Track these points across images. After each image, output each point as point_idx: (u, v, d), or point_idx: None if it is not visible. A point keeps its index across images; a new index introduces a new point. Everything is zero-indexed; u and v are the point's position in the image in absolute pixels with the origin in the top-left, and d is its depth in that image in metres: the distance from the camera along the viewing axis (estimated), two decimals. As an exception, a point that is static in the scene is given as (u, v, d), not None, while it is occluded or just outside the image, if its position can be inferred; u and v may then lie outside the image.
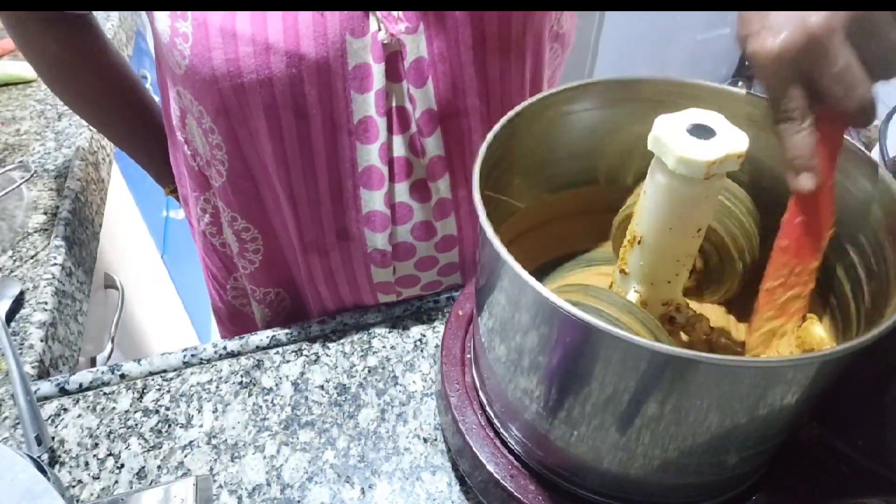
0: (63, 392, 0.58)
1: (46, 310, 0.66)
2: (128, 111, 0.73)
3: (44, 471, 0.45)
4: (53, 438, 0.54)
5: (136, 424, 0.55)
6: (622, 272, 0.44)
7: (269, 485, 0.51)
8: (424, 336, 0.62)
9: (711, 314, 0.47)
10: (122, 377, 0.59)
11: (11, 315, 0.65)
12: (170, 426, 0.55)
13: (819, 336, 0.38)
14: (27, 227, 0.76)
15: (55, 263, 0.71)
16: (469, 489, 0.50)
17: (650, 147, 0.37)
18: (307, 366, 0.60)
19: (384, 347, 0.61)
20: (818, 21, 0.31)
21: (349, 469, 0.52)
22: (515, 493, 0.42)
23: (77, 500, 0.50)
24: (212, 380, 0.59)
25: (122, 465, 0.53)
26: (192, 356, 0.60)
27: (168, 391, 0.58)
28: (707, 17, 2.02)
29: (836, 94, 0.32)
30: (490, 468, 0.43)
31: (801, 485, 0.41)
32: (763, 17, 0.33)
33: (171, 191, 0.78)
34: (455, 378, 0.48)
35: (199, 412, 0.56)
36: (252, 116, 0.49)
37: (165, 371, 0.60)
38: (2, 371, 0.60)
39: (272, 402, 0.57)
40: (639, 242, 0.41)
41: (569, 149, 0.48)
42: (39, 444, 0.52)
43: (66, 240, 0.75)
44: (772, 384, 0.32)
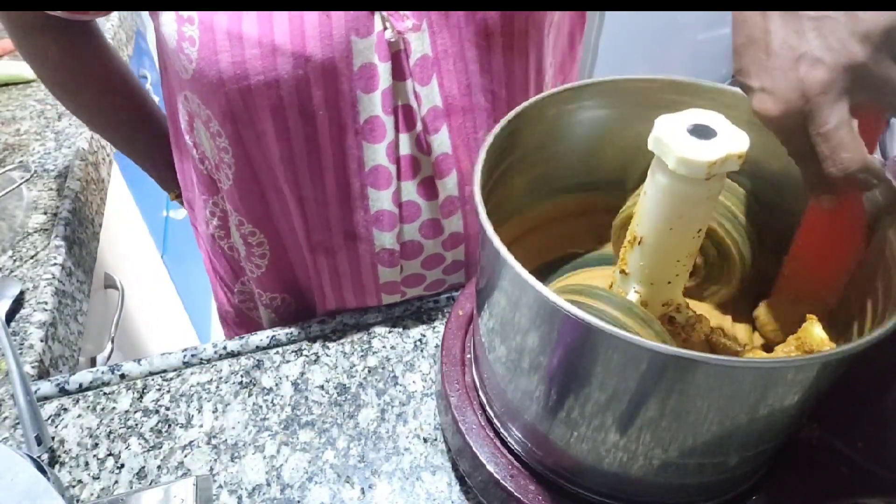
0: (63, 392, 0.58)
1: (46, 310, 0.66)
2: (131, 116, 0.73)
3: (44, 471, 0.45)
4: (53, 438, 0.54)
5: (136, 424, 0.55)
6: (622, 272, 0.44)
7: (269, 485, 0.51)
8: (424, 336, 0.62)
9: (711, 314, 0.47)
10: (122, 377, 0.59)
11: (11, 315, 0.65)
12: (170, 426, 0.55)
13: (819, 337, 0.38)
14: (27, 227, 0.76)
15: (55, 263, 0.71)
16: (469, 489, 0.50)
17: (651, 147, 0.37)
18: (307, 366, 0.60)
19: (384, 347, 0.61)
20: (815, 83, 0.31)
21: (349, 469, 0.52)
22: (515, 493, 0.42)
23: (77, 500, 0.50)
24: (212, 380, 0.59)
25: (122, 465, 0.53)
26: (192, 356, 0.60)
27: (168, 391, 0.58)
28: (707, 17, 2.02)
29: (823, 154, 0.32)
30: (490, 468, 0.43)
31: (801, 485, 0.41)
32: (761, 74, 0.33)
33: (177, 196, 0.78)
34: (455, 378, 0.48)
35: (199, 412, 0.56)
36: (259, 119, 0.49)
37: (165, 371, 0.60)
38: (2, 371, 0.60)
39: (272, 402, 0.57)
40: (639, 243, 0.41)
41: (570, 149, 0.48)
42: (39, 444, 0.52)
43: (66, 240, 0.75)
44: (772, 385, 0.32)
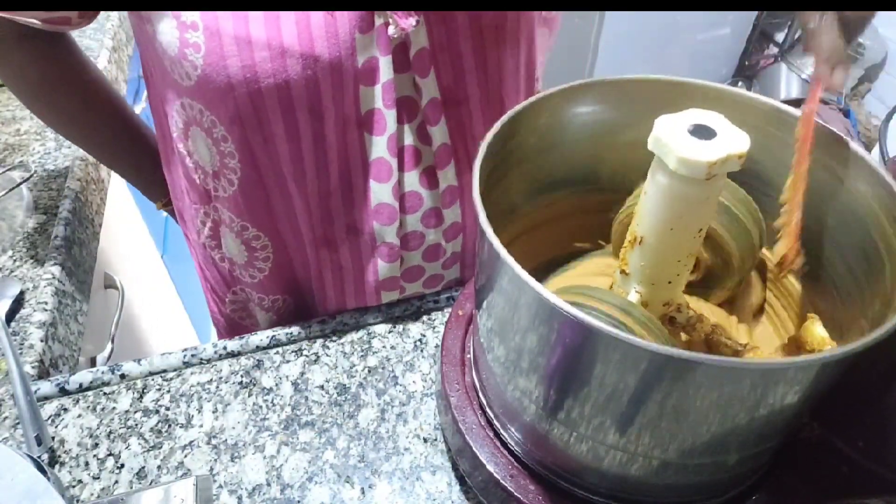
0: (63, 392, 0.58)
1: (46, 310, 0.66)
2: (113, 126, 0.72)
3: (44, 471, 0.45)
4: (53, 438, 0.54)
5: (136, 424, 0.55)
6: (623, 273, 0.44)
7: (269, 485, 0.51)
8: (424, 336, 0.62)
9: (711, 314, 0.47)
10: (122, 377, 0.59)
11: (11, 315, 0.65)
12: (170, 426, 0.55)
13: (820, 336, 0.38)
14: (27, 227, 0.76)
15: (55, 263, 0.71)
16: (469, 489, 0.50)
17: (651, 147, 0.37)
18: (307, 366, 0.60)
19: (384, 347, 0.61)
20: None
21: (349, 469, 0.52)
22: (515, 493, 0.42)
23: (77, 500, 0.50)
24: (212, 380, 0.59)
25: (122, 465, 0.52)
26: (192, 356, 0.60)
27: (168, 391, 0.58)
28: (707, 17, 2.02)
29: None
30: (490, 468, 0.43)
31: (801, 485, 0.41)
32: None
33: (164, 204, 0.77)
34: (455, 378, 0.48)
35: (199, 412, 0.56)
36: (269, 121, 0.49)
37: (165, 371, 0.60)
38: (2, 371, 0.60)
39: (272, 402, 0.57)
40: (639, 243, 0.41)
41: (569, 149, 0.48)
42: (39, 444, 0.52)
43: (66, 240, 0.75)
44: (772, 385, 0.32)
